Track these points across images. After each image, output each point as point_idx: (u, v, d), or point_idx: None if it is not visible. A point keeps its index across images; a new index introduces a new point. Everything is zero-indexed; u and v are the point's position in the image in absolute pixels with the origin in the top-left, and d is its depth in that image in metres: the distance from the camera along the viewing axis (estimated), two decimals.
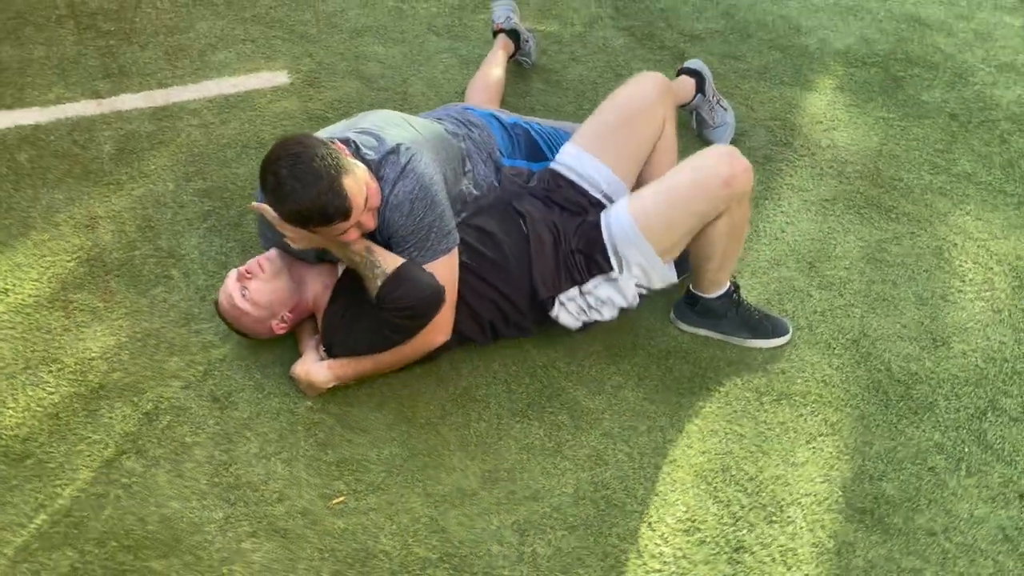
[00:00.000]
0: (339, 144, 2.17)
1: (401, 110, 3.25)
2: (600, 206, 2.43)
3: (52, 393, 2.31)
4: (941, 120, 3.36)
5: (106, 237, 2.74)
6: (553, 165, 2.52)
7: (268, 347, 2.43)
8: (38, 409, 2.27)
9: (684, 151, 2.60)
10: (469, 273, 2.31)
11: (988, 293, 2.70)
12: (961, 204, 3.00)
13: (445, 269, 2.23)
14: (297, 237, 2.18)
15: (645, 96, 2.53)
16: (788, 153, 3.17)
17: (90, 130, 3.14)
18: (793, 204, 2.97)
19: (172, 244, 2.73)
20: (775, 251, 2.81)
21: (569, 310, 2.37)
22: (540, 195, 2.47)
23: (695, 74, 3.01)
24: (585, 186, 2.46)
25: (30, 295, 2.55)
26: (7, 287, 2.57)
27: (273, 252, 2.31)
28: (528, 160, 2.62)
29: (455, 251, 2.25)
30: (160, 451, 2.20)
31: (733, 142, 3.11)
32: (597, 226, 2.34)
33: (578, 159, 2.48)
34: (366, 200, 2.11)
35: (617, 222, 2.32)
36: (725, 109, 3.09)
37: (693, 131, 3.15)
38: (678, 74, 3.07)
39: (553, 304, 2.36)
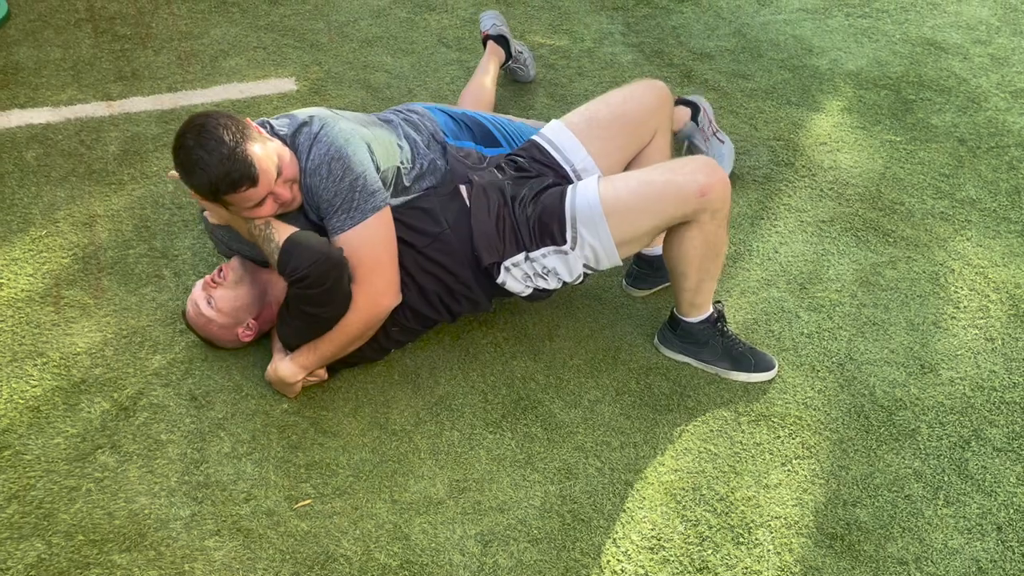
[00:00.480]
0: (250, 122, 2.19)
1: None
2: (569, 181, 2.39)
3: (35, 386, 2.35)
4: (949, 144, 3.31)
5: (103, 235, 2.79)
6: (534, 136, 2.48)
7: (249, 350, 2.45)
8: (20, 401, 2.31)
9: None
10: (410, 248, 2.29)
11: (982, 321, 2.65)
12: (962, 230, 2.95)
13: (377, 227, 2.21)
14: (212, 210, 2.24)
15: (640, 102, 2.49)
16: (788, 173, 3.14)
17: (98, 131, 3.20)
18: (789, 224, 2.94)
19: (166, 244, 2.77)
20: (766, 271, 2.78)
21: (515, 276, 2.31)
22: (504, 162, 2.46)
23: (690, 103, 2.98)
24: (559, 158, 2.42)
25: (23, 289, 2.60)
26: (2, 281, 2.62)
27: (235, 260, 2.33)
28: (479, 144, 2.59)
29: (386, 209, 2.23)
30: (134, 447, 2.23)
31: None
32: (561, 197, 2.28)
33: (559, 134, 2.44)
34: (279, 171, 2.14)
35: (583, 198, 2.25)
36: (722, 142, 3.02)
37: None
38: (675, 104, 3.03)
39: (499, 271, 2.30)
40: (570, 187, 2.31)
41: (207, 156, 2.06)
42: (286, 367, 2.28)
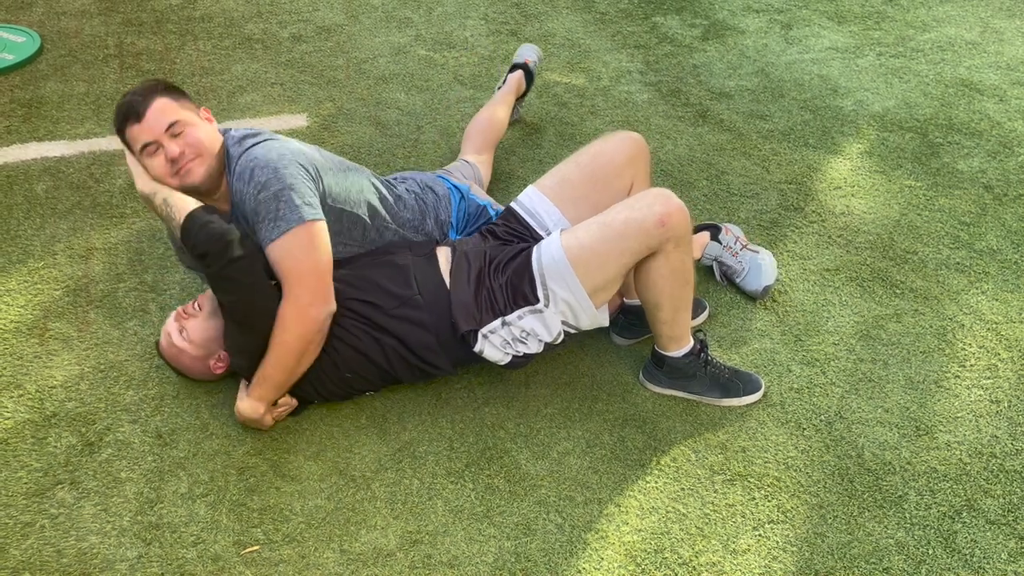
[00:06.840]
0: (206, 110, 2.34)
1: (409, 158, 3.30)
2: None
3: (8, 419, 2.37)
4: (974, 191, 3.15)
5: (97, 268, 2.82)
6: (511, 204, 2.47)
7: (220, 387, 2.44)
8: None
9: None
10: (377, 309, 2.27)
11: (989, 381, 2.49)
12: (978, 282, 2.79)
13: (302, 238, 2.15)
14: (137, 173, 2.27)
15: (613, 157, 2.45)
16: (797, 218, 3.02)
17: (108, 164, 3.25)
18: (791, 272, 2.82)
19: (156, 279, 2.79)
20: (761, 321, 2.66)
21: (493, 343, 2.27)
22: (484, 231, 2.45)
23: (709, 226, 2.83)
24: (533, 223, 2.40)
25: (12, 321, 2.64)
26: None
27: (210, 291, 2.33)
28: None
29: (315, 223, 2.18)
30: (93, 484, 2.22)
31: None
32: (528, 257, 2.26)
33: (533, 200, 2.43)
34: (170, 124, 2.21)
35: (548, 253, 2.23)
36: (755, 251, 2.76)
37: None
38: (696, 230, 2.80)
39: (475, 338, 2.27)
40: (535, 246, 2.28)
41: (140, 85, 2.25)
42: (245, 404, 2.27)
